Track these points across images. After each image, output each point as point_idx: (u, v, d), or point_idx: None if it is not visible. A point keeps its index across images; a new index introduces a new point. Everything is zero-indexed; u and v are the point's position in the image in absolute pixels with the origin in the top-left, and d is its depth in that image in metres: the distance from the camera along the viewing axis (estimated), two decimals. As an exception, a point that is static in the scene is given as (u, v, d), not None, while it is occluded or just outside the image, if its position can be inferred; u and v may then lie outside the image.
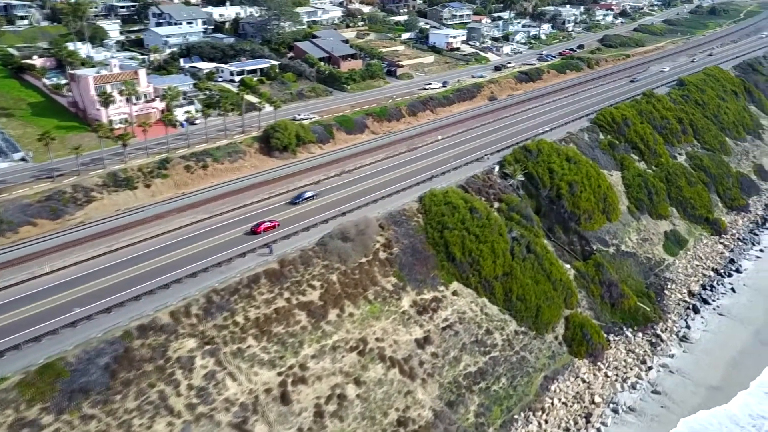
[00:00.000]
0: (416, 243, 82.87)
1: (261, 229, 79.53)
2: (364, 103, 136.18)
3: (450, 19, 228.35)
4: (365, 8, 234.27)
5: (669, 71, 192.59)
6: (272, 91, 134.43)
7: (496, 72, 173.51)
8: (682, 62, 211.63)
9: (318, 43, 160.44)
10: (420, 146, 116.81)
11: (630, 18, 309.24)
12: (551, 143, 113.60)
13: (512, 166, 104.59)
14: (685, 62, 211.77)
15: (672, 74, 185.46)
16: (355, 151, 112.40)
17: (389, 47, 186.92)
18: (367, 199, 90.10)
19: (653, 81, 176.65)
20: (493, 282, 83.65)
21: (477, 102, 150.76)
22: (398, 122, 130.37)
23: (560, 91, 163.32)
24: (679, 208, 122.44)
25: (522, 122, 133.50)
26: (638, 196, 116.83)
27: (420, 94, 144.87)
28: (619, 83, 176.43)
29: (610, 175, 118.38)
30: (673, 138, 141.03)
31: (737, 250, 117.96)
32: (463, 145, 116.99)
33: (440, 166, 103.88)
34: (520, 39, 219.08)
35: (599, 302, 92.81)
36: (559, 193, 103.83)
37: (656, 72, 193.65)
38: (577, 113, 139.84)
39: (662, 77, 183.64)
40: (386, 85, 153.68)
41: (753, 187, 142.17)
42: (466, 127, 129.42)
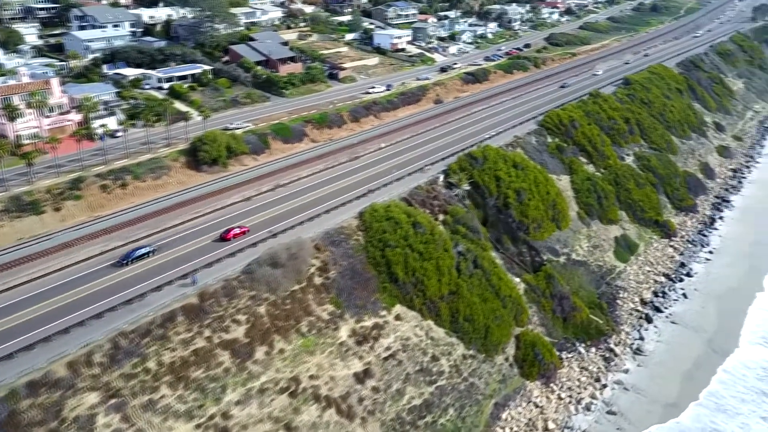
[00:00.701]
0: (356, 264, 76.62)
1: (231, 235, 76.74)
2: (304, 109, 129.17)
3: (395, 18, 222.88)
4: (308, 8, 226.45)
5: (602, 74, 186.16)
6: (204, 99, 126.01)
7: (442, 73, 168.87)
8: (615, 64, 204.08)
9: (255, 46, 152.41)
10: (362, 155, 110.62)
11: (575, 16, 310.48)
12: (497, 149, 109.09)
13: (457, 175, 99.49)
14: (619, 64, 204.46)
15: (606, 77, 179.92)
16: (292, 162, 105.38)
17: (332, 49, 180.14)
18: (303, 216, 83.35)
19: (584, 87, 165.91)
20: (439, 303, 78.19)
21: (422, 105, 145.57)
22: (340, 129, 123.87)
23: (507, 92, 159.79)
24: (628, 212, 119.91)
25: (468, 126, 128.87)
26: (588, 201, 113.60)
27: (363, 99, 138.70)
28: (577, 79, 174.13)
29: (558, 179, 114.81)
30: (620, 139, 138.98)
31: (687, 253, 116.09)
32: (408, 153, 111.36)
33: (383, 177, 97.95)
34: (466, 39, 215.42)
35: (551, 317, 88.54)
36: (506, 201, 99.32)
37: (589, 76, 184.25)
38: (525, 115, 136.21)
39: (595, 81, 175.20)
40: (328, 89, 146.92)
41: (700, 187, 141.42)
42: (411, 133, 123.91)
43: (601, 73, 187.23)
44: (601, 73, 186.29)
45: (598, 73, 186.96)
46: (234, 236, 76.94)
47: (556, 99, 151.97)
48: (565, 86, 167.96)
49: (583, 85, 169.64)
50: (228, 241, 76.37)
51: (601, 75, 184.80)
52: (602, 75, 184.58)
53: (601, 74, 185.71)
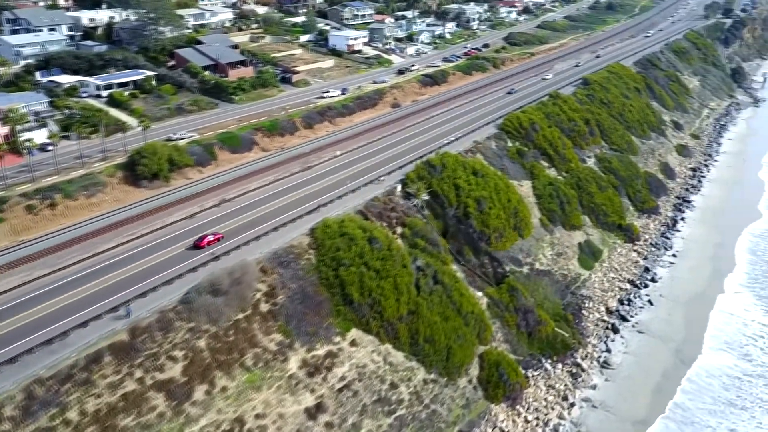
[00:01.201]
0: (307, 286, 71.18)
1: (204, 243, 74.37)
2: (255, 115, 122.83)
3: (351, 19, 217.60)
4: (260, 9, 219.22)
5: (552, 78, 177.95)
6: (147, 107, 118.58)
7: (399, 76, 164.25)
8: (563, 68, 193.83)
9: (203, 50, 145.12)
10: (316, 164, 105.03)
11: (533, 15, 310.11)
12: (456, 156, 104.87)
13: (416, 184, 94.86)
14: (569, 68, 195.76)
15: (557, 80, 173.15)
16: (240, 173, 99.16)
17: (285, 51, 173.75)
18: (248, 235, 77.42)
19: (534, 91, 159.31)
20: (397, 324, 73.33)
21: (379, 110, 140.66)
22: (292, 136, 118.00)
23: (466, 95, 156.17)
24: (591, 216, 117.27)
25: (427, 131, 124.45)
26: (550, 207, 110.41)
27: (317, 104, 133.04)
28: (526, 84, 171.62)
29: (520, 185, 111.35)
30: (581, 141, 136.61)
31: (651, 257, 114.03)
32: (364, 161, 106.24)
33: (337, 189, 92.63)
34: (424, 39, 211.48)
35: (515, 333, 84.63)
36: (466, 211, 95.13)
37: (538, 80, 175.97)
38: (484, 119, 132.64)
39: (546, 85, 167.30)
40: (280, 94, 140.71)
41: (661, 188, 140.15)
42: (368, 140, 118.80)
43: (551, 77, 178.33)
44: (551, 77, 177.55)
45: (548, 77, 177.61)
46: (209, 243, 74.67)
47: (516, 101, 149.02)
48: (512, 92, 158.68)
49: (532, 90, 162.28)
50: (202, 249, 73.91)
51: (552, 78, 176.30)
52: (553, 78, 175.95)
53: (551, 78, 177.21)
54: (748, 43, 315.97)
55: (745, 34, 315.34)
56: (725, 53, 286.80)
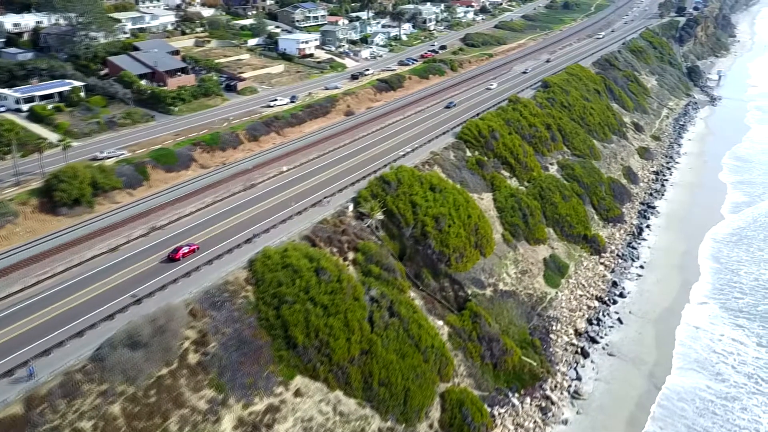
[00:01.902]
0: (244, 330, 62.76)
1: (179, 255, 71.00)
2: (195, 128, 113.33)
3: (303, 21, 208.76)
4: (207, 11, 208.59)
5: (496, 87, 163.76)
6: (73, 121, 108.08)
7: (353, 81, 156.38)
8: (511, 75, 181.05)
9: (139, 57, 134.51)
10: (260, 181, 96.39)
11: (490, 14, 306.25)
12: (412, 170, 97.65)
13: (369, 203, 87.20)
14: (517, 73, 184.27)
15: (501, 91, 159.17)
16: (175, 195, 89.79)
17: (232, 56, 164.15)
18: (177, 271, 68.57)
19: (476, 104, 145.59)
20: (349, 367, 65.60)
21: (332, 118, 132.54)
22: (235, 150, 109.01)
23: (423, 100, 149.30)
24: (556, 228, 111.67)
25: (382, 142, 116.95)
26: (513, 221, 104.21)
27: (264, 113, 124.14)
28: (470, 93, 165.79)
29: (480, 198, 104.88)
30: (543, 147, 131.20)
31: (618, 270, 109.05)
32: (313, 177, 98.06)
33: (281, 211, 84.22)
34: (379, 41, 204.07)
35: (479, 365, 77.81)
36: (424, 230, 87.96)
37: (482, 90, 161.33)
38: (442, 126, 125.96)
39: (489, 96, 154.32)
40: (224, 104, 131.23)
41: (625, 193, 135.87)
42: (318, 152, 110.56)
43: (495, 86, 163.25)
44: (495, 86, 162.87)
45: (492, 86, 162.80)
46: (184, 255, 71.35)
47: (474, 106, 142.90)
48: (450, 106, 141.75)
49: (475, 102, 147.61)
50: (176, 261, 70.39)
51: (497, 88, 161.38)
52: (497, 88, 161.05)
53: (495, 87, 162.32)
54: (701, 41, 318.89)
55: (698, 32, 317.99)
56: (680, 51, 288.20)
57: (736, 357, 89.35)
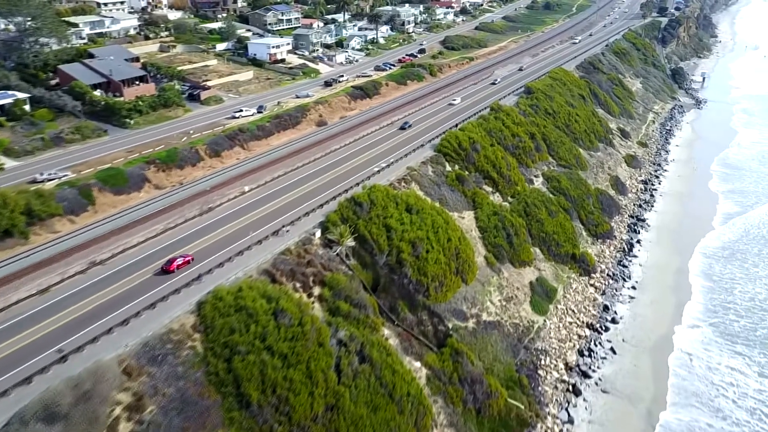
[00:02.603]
0: (188, 388, 54.14)
1: (174, 266, 67.87)
2: (151, 143, 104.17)
3: (276, 24, 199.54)
4: (174, 14, 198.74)
5: (460, 102, 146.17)
6: (15, 138, 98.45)
7: (326, 88, 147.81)
8: (477, 88, 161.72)
9: (93, 65, 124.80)
10: (219, 204, 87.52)
11: (471, 15, 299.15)
12: (386, 189, 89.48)
13: (338, 228, 78.91)
14: (485, 86, 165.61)
15: (464, 107, 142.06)
16: (122, 223, 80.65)
17: (198, 62, 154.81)
18: (115, 317, 59.71)
19: (437, 123, 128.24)
20: (311, 427, 57.27)
21: (302, 130, 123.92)
22: (194, 168, 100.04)
23: (400, 108, 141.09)
24: (542, 248, 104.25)
25: (355, 156, 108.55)
26: (496, 242, 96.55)
27: (227, 126, 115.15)
28: (466, 94, 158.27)
29: (461, 217, 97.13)
30: (527, 158, 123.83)
31: (609, 292, 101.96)
32: (278, 198, 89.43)
33: (238, 241, 75.55)
34: (355, 45, 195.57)
35: (461, 411, 69.85)
36: (400, 258, 79.87)
37: (445, 105, 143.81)
38: (420, 138, 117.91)
39: (454, 111, 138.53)
40: (186, 115, 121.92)
41: (614, 206, 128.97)
42: (286, 168, 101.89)
43: (458, 101, 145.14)
44: (458, 102, 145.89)
45: (455, 101, 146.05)
46: (178, 267, 68.45)
47: (455, 114, 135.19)
48: (405, 127, 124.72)
49: (435, 122, 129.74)
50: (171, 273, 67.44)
51: (460, 104, 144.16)
52: (461, 104, 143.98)
53: (459, 102, 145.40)
54: (684, 42, 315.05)
55: (681, 32, 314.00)
56: (663, 53, 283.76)
57: (737, 389, 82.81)
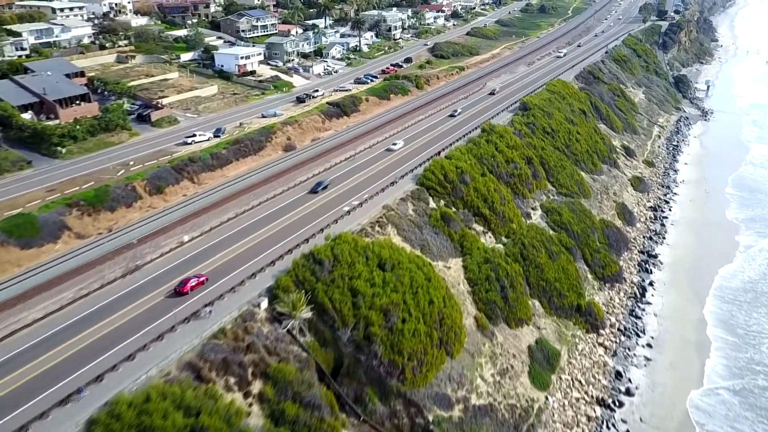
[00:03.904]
0: None
1: (187, 288, 63.83)
2: (81, 178, 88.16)
3: (249, 31, 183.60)
4: (140, 20, 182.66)
5: (462, 111, 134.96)
6: None
7: (298, 105, 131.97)
8: (467, 103, 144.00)
9: (24, 82, 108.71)
10: (150, 260, 71.60)
11: (462, 19, 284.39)
12: (355, 239, 73.88)
13: (291, 296, 63.27)
14: (479, 99, 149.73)
15: (448, 129, 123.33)
16: (25, 288, 64.66)
17: (157, 76, 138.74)
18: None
19: (419, 148, 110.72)
20: None
21: (266, 156, 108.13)
22: (129, 209, 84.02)
23: (381, 129, 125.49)
24: (542, 299, 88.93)
25: (323, 191, 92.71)
26: (489, 297, 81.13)
27: (176, 154, 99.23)
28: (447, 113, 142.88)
29: (446, 267, 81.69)
30: (523, 187, 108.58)
31: (621, 352, 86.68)
32: (221, 253, 73.53)
33: (161, 318, 59.68)
34: (336, 54, 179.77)
35: None
36: (368, 332, 64.28)
37: (433, 124, 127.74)
38: (401, 167, 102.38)
39: (441, 132, 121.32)
40: (131, 141, 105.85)
41: (621, 240, 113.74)
42: (239, 208, 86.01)
43: (399, 145, 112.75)
44: (458, 111, 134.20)
45: (456, 112, 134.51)
46: (192, 288, 64.32)
47: (443, 135, 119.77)
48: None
49: (421, 144, 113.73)
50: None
51: (464, 113, 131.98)
52: (430, 134, 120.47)
53: (459, 112, 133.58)
54: (685, 47, 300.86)
55: (682, 37, 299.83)
56: (665, 59, 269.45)
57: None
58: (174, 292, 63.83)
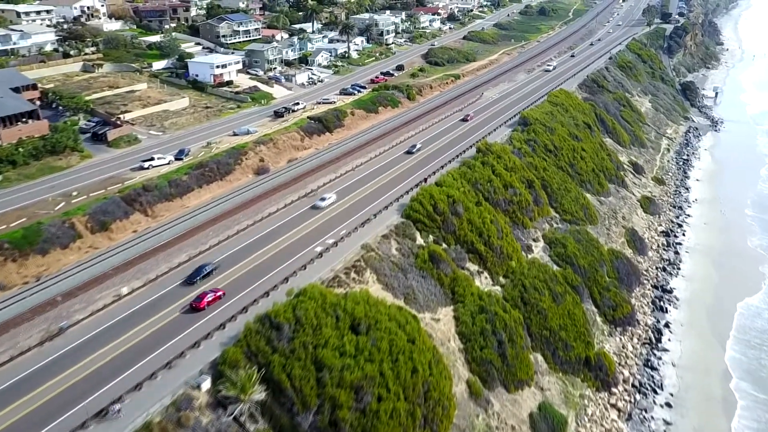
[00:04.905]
0: None
1: (204, 303, 59.48)
2: (15, 213, 76.19)
3: (231, 36, 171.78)
4: (113, 24, 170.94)
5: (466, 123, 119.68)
6: None
7: (276, 120, 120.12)
8: (484, 104, 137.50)
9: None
10: (76, 322, 59.58)
11: (459, 22, 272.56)
12: (324, 293, 62.04)
13: (240, 374, 51.48)
14: (490, 100, 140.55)
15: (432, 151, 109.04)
16: None
17: (123, 87, 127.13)
18: None
19: (407, 171, 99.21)
20: None
21: (235, 180, 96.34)
22: (65, 251, 72.01)
23: (366, 147, 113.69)
24: (546, 352, 77.24)
25: (294, 224, 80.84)
26: (483, 356, 69.43)
27: (129, 182, 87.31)
28: (449, 124, 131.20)
29: (435, 320, 70.03)
30: (523, 216, 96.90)
31: (637, 416, 75.02)
32: (163, 312, 61.64)
33: (75, 407, 47.88)
34: (322, 61, 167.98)
35: None
36: (335, 417, 52.52)
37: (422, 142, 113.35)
38: (386, 194, 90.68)
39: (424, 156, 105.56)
40: (81, 164, 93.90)
41: (632, 273, 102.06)
42: (193, 249, 73.88)
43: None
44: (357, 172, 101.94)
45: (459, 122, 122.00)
46: (208, 304, 59.86)
47: (436, 154, 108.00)
48: (317, 207, 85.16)
49: (409, 166, 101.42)
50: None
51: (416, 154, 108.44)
52: (418, 153, 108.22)
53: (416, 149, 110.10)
54: (691, 52, 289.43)
55: (687, 41, 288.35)
56: (670, 64, 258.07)
57: None
58: (190, 307, 60.49)
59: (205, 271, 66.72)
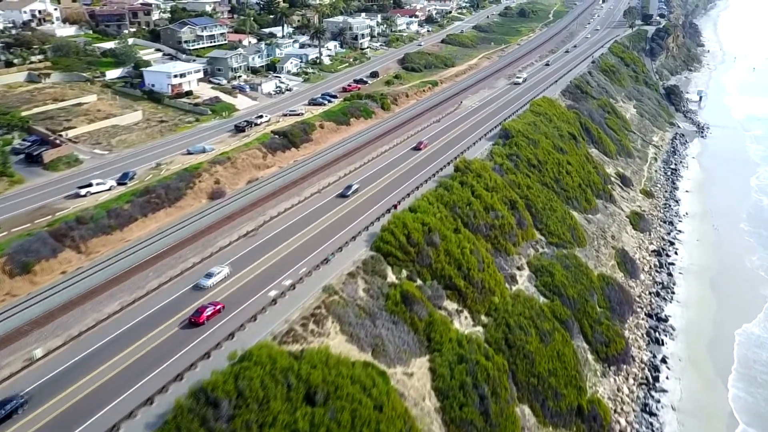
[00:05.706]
0: None
1: (203, 318, 57.17)
2: None
3: (194, 42, 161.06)
4: (67, 29, 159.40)
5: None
6: None
7: (237, 135, 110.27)
8: (440, 128, 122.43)
9: None
10: (-20, 391, 49.57)
11: (437, 25, 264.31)
12: (276, 353, 52.56)
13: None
14: (456, 121, 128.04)
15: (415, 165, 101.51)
16: None
17: (70, 99, 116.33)
18: None
19: (382, 191, 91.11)
20: None
21: (186, 206, 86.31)
22: (-25, 302, 61.77)
23: (335, 164, 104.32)
24: (534, 403, 68.49)
25: (246, 261, 71.23)
26: (463, 415, 60.33)
27: (61, 212, 76.93)
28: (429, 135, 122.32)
29: (407, 375, 60.90)
30: (506, 241, 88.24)
31: (637, 475, 66.57)
32: (80, 382, 51.70)
33: None
34: (291, 68, 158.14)
35: None
36: None
37: (400, 156, 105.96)
38: (354, 221, 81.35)
39: (404, 170, 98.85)
40: (11, 191, 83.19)
41: (625, 302, 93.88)
42: (127, 296, 63.81)
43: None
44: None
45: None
46: (208, 318, 57.26)
47: (410, 173, 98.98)
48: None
49: (385, 184, 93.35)
50: None
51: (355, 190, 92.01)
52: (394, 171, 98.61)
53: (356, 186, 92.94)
54: (673, 54, 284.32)
55: (669, 43, 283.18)
56: (653, 67, 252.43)
57: None
58: (189, 322, 57.84)
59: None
